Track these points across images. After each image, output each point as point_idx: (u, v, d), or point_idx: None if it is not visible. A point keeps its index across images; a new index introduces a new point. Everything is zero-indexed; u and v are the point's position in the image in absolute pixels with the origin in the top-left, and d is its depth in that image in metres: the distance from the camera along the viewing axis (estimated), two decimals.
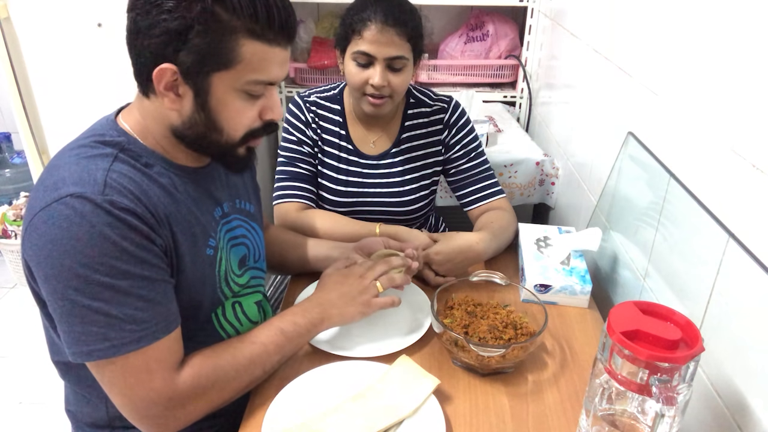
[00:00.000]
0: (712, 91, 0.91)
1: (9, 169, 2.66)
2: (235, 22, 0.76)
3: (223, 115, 0.82)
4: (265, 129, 0.89)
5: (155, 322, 0.79)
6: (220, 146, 0.86)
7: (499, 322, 1.04)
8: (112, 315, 0.75)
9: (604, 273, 1.34)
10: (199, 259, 0.90)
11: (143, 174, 0.83)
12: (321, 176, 1.42)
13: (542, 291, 1.18)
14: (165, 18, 0.75)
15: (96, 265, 0.74)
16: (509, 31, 2.29)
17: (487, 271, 1.15)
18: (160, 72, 0.78)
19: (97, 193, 0.75)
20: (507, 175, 1.85)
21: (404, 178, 1.42)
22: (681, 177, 1.00)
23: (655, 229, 1.07)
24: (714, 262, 0.86)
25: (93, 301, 0.74)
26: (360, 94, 1.29)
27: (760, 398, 0.76)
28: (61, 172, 0.78)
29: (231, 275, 1.00)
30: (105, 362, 0.77)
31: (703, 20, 0.95)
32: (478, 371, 1.00)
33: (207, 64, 0.78)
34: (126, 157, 0.82)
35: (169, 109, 0.82)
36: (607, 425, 0.81)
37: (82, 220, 0.74)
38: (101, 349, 0.76)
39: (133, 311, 0.76)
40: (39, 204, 0.76)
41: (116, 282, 0.75)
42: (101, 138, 0.84)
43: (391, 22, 1.21)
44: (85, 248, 0.73)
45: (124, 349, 0.76)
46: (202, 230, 0.91)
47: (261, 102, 0.85)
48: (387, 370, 0.96)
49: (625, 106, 1.28)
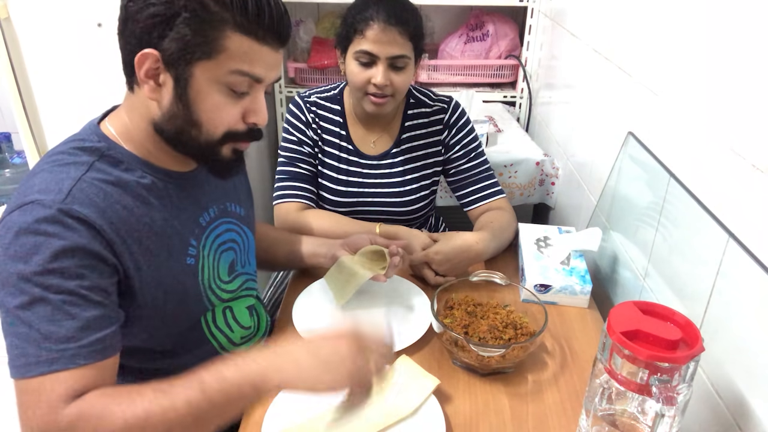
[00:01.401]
0: (712, 91, 0.91)
1: (9, 169, 2.66)
2: (223, 13, 0.76)
3: (201, 107, 0.80)
4: (249, 134, 0.86)
5: (79, 345, 0.72)
6: (200, 144, 0.83)
7: (499, 322, 1.04)
8: (35, 328, 0.71)
9: (604, 273, 1.34)
10: (176, 269, 0.88)
11: (116, 186, 0.81)
12: (321, 176, 1.42)
13: (542, 291, 1.18)
14: (153, 3, 0.74)
15: (32, 275, 0.72)
16: (509, 31, 2.29)
17: (487, 271, 1.15)
18: (142, 57, 0.76)
19: (57, 201, 0.74)
20: (507, 175, 1.85)
21: (404, 178, 1.42)
22: (681, 177, 0.99)
23: (655, 229, 1.07)
24: (714, 262, 0.86)
25: (23, 311, 0.71)
26: (362, 93, 1.30)
27: (760, 398, 0.76)
28: (35, 179, 0.78)
29: (217, 282, 0.97)
30: (18, 382, 0.72)
31: (703, 20, 0.95)
32: (478, 371, 1.00)
33: (190, 52, 0.76)
34: (103, 165, 0.81)
35: (149, 98, 0.80)
36: (607, 425, 0.81)
37: (29, 227, 0.73)
38: (17, 366, 0.71)
39: (56, 329, 0.71)
40: (7, 210, 0.76)
41: (48, 295, 0.72)
42: (81, 144, 0.83)
43: (393, 21, 1.22)
44: (26, 255, 0.72)
45: (36, 369, 0.70)
46: (181, 240, 0.89)
47: (245, 103, 0.83)
48: (387, 371, 0.96)
49: (625, 106, 1.28)
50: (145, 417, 0.69)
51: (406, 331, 1.08)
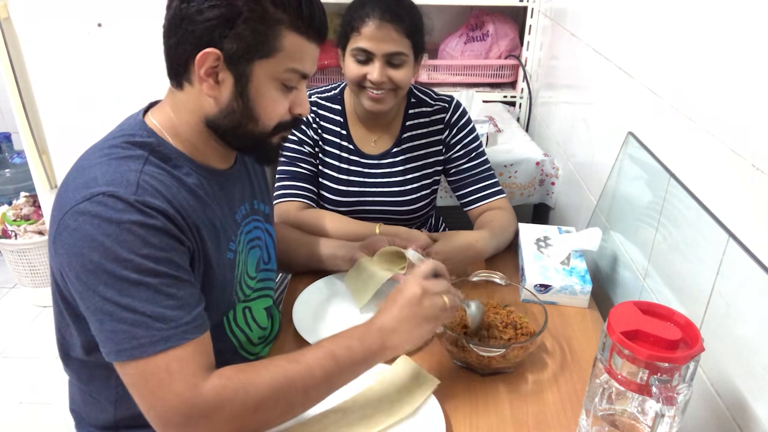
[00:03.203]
0: (712, 92, 0.91)
1: (9, 169, 2.66)
2: (280, 14, 0.80)
3: (260, 103, 0.84)
4: (293, 123, 0.91)
5: (185, 322, 0.76)
6: (253, 137, 0.88)
7: (499, 322, 1.04)
8: (140, 312, 0.74)
9: (604, 273, 1.34)
10: (222, 262, 0.91)
11: (173, 177, 0.84)
12: (322, 176, 1.42)
13: (542, 291, 1.18)
14: (214, 4, 0.78)
15: (125, 262, 0.74)
16: (509, 31, 2.29)
17: (487, 271, 1.15)
18: (203, 56, 0.79)
19: (130, 193, 0.76)
20: (507, 175, 1.85)
21: (405, 178, 1.42)
22: (681, 177, 0.99)
23: (655, 229, 1.07)
24: (714, 262, 0.86)
25: (122, 297, 0.74)
26: (359, 89, 1.30)
27: (760, 398, 0.76)
28: (92, 171, 0.79)
29: (246, 278, 1.00)
30: (132, 363, 0.74)
31: (703, 21, 0.95)
32: (478, 371, 1.00)
33: (250, 52, 0.80)
34: (156, 160, 0.83)
35: (208, 95, 0.83)
36: (607, 425, 0.81)
37: (113, 217, 0.74)
38: (128, 349, 0.74)
39: (162, 309, 0.75)
40: (69, 203, 0.76)
41: (145, 279, 0.74)
42: (131, 138, 0.84)
43: (388, 18, 1.22)
44: (114, 244, 0.74)
45: (151, 349, 0.74)
46: (225, 234, 0.92)
47: (292, 96, 0.88)
48: (387, 371, 0.96)
49: (625, 107, 1.28)
50: (288, 383, 0.78)
51: None
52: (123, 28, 1.88)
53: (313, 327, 1.11)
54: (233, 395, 0.75)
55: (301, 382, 0.79)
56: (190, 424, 0.74)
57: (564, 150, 1.77)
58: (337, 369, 0.81)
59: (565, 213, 1.76)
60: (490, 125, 1.96)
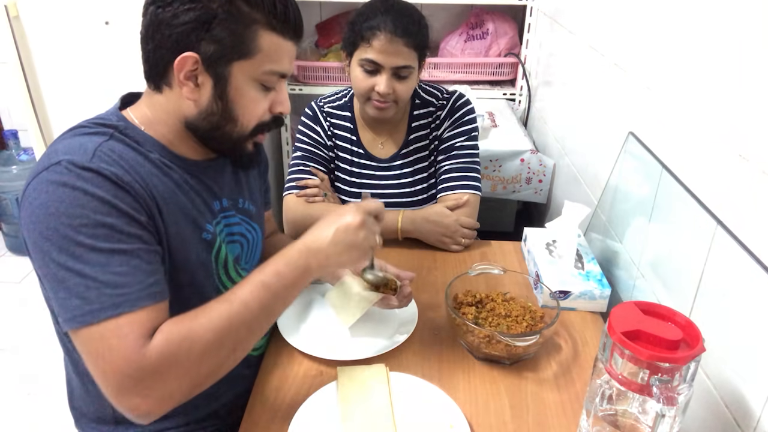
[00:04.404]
0: (712, 92, 0.91)
1: (16, 166, 2.67)
2: (255, 14, 0.80)
3: (239, 104, 0.85)
4: (274, 122, 0.92)
5: (138, 288, 0.75)
6: (232, 139, 0.88)
7: (516, 312, 1.07)
8: (91, 277, 0.73)
9: (604, 273, 1.34)
10: (194, 241, 0.90)
11: (138, 153, 0.83)
12: (337, 180, 1.46)
13: (562, 297, 1.17)
14: (189, 8, 0.78)
15: (78, 226, 0.73)
16: (509, 29, 2.29)
17: (484, 263, 1.16)
18: (182, 60, 0.79)
19: (86, 160, 0.76)
20: (492, 169, 1.92)
21: (415, 179, 1.44)
22: (682, 177, 0.99)
23: (656, 229, 1.07)
24: (715, 263, 0.86)
25: (75, 262, 0.73)
26: (365, 99, 1.33)
27: (760, 398, 0.76)
28: (57, 146, 0.80)
29: (229, 268, 0.98)
30: (85, 330, 0.73)
31: (702, 21, 0.94)
32: (506, 361, 1.01)
33: (228, 53, 0.81)
34: (123, 137, 0.83)
35: (188, 98, 0.83)
36: (608, 425, 0.81)
37: (67, 182, 0.74)
38: (79, 315, 0.73)
39: (114, 276, 0.73)
40: (31, 176, 0.77)
41: (98, 243, 0.74)
42: (101, 121, 0.85)
43: (400, 32, 1.23)
44: (68, 209, 0.73)
45: (102, 314, 0.72)
46: (199, 214, 0.91)
47: (271, 96, 0.88)
48: (337, 389, 0.95)
49: (626, 106, 1.27)
50: (228, 323, 0.77)
51: (398, 330, 1.09)
52: (130, 26, 1.88)
53: (296, 326, 1.11)
54: (177, 349, 0.74)
55: (241, 318, 0.78)
56: (143, 386, 0.73)
57: (563, 148, 1.77)
58: (272, 297, 0.81)
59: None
60: (486, 119, 1.97)
